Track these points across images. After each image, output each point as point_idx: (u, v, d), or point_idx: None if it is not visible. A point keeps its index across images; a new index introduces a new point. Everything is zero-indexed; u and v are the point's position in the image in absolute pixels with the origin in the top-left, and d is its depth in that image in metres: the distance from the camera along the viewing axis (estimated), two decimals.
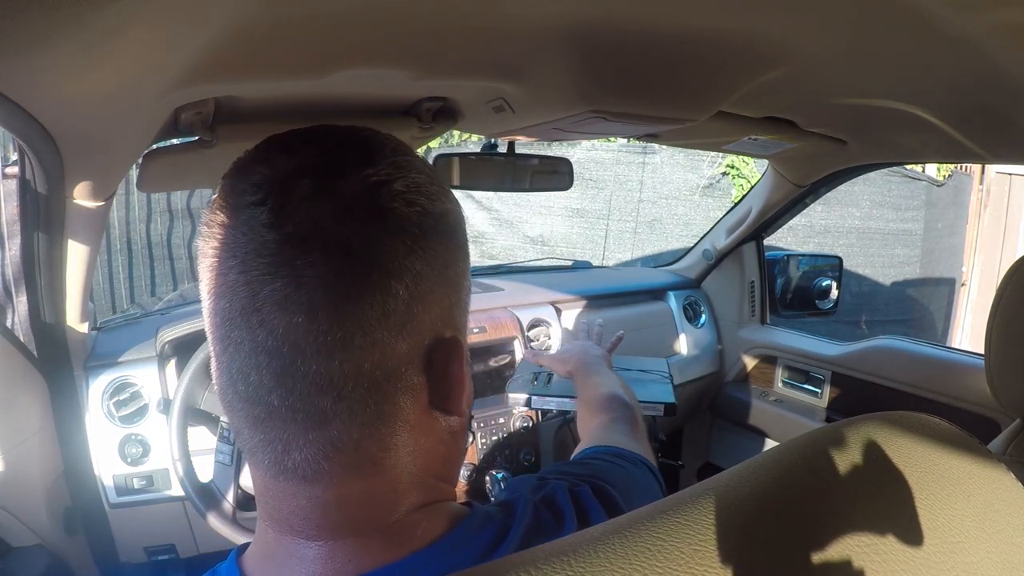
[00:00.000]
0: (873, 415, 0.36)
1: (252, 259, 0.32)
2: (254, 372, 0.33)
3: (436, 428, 0.38)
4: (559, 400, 1.31)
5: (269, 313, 0.32)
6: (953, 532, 0.31)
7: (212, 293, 0.34)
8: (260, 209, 0.33)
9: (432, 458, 0.38)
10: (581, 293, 1.77)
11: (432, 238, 0.35)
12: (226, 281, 0.33)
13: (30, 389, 1.07)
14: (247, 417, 0.34)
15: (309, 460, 0.34)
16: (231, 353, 0.34)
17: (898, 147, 1.25)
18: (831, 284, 1.88)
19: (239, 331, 0.33)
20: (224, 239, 0.33)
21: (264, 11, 0.51)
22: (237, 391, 0.34)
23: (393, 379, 0.34)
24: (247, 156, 0.37)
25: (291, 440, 0.34)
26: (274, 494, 0.36)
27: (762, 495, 0.30)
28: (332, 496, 0.35)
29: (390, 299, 0.33)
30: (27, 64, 0.46)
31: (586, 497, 0.45)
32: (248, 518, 1.12)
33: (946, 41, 0.61)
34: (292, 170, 0.34)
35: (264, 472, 0.36)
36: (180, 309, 1.50)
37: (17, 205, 0.92)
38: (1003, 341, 0.87)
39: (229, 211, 0.34)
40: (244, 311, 0.32)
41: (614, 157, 4.41)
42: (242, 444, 0.36)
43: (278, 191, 0.33)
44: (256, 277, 0.32)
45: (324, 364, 0.32)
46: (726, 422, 1.95)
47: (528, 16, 0.61)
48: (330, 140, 0.36)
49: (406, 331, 0.34)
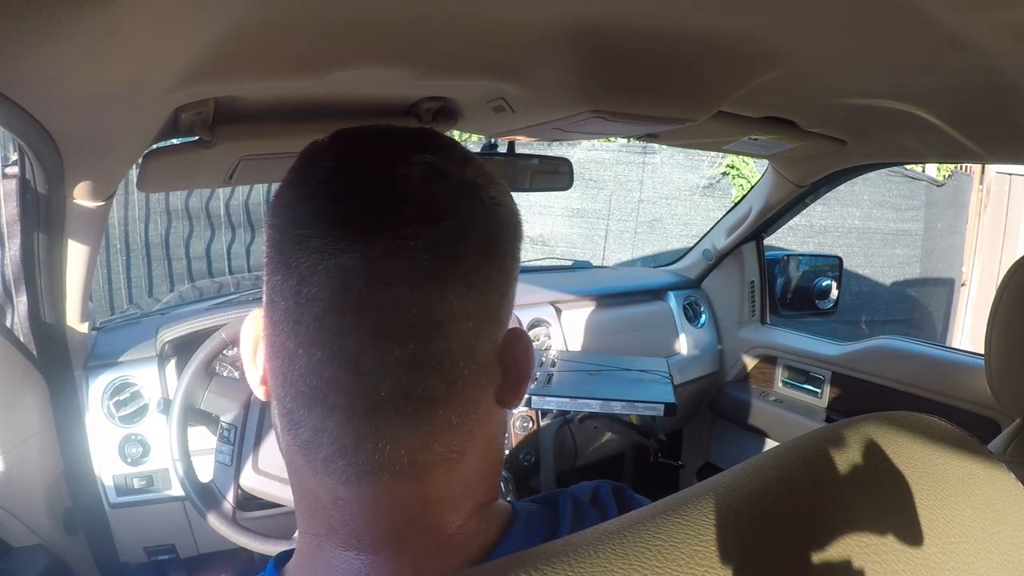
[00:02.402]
0: (873, 415, 0.36)
1: (376, 234, 0.31)
2: (372, 358, 0.31)
3: (497, 420, 0.37)
4: (559, 400, 1.31)
5: (403, 290, 0.31)
6: (953, 532, 0.31)
7: (310, 275, 0.31)
8: (374, 187, 0.32)
9: (492, 451, 0.38)
10: (581, 293, 1.77)
11: (520, 230, 0.37)
12: (339, 262, 0.31)
13: (30, 389, 1.07)
14: (348, 412, 0.32)
15: (412, 451, 0.32)
16: (339, 342, 0.31)
17: (898, 147, 1.25)
18: (831, 284, 1.88)
19: (355, 315, 0.31)
20: (326, 216, 0.32)
21: (264, 11, 0.51)
22: (339, 385, 0.31)
23: (485, 366, 0.34)
24: (336, 136, 0.36)
25: (399, 431, 0.32)
26: (346, 501, 0.33)
27: (762, 495, 0.30)
28: (418, 493, 0.33)
29: (501, 280, 0.34)
30: (27, 64, 0.46)
31: (630, 495, 0.44)
32: (248, 518, 1.12)
33: (946, 41, 0.61)
34: (399, 151, 0.34)
35: (339, 479, 0.33)
36: (180, 309, 1.50)
37: (17, 205, 0.92)
38: (1003, 341, 0.87)
39: (330, 187, 0.33)
40: (369, 289, 0.31)
41: (614, 157, 4.41)
42: (312, 451, 0.33)
43: (391, 168, 0.33)
44: (384, 252, 0.31)
45: (447, 343, 0.32)
46: (726, 422, 1.95)
47: (528, 16, 0.61)
48: (424, 136, 0.37)
49: (500, 316, 0.35)
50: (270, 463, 1.10)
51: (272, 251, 0.33)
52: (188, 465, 1.08)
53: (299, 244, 0.32)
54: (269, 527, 1.11)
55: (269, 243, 0.34)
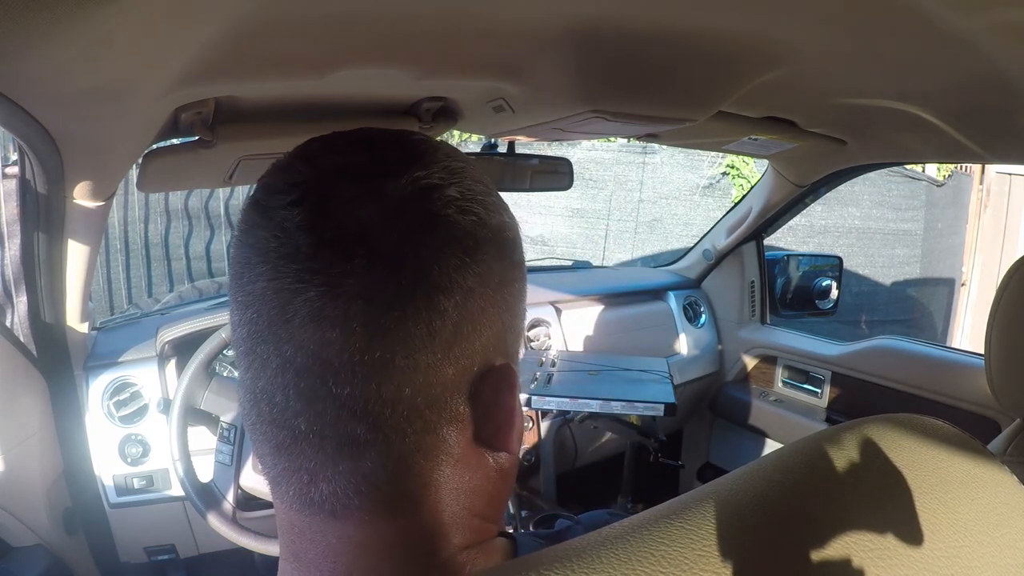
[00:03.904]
0: (875, 417, 0.36)
1: (284, 265, 0.29)
2: (280, 392, 0.30)
3: (483, 464, 0.34)
4: (559, 400, 1.31)
5: (300, 326, 0.29)
6: (957, 535, 0.31)
7: (239, 303, 0.31)
8: (296, 210, 0.30)
9: (477, 497, 0.34)
10: (581, 293, 1.77)
11: (487, 252, 0.31)
12: (254, 289, 0.30)
13: (30, 389, 1.07)
14: (271, 442, 0.31)
15: (338, 494, 0.30)
16: (256, 370, 0.31)
17: (898, 147, 1.25)
18: (831, 284, 1.89)
19: (265, 345, 0.30)
20: (255, 243, 0.30)
21: (264, 11, 0.51)
22: (261, 413, 0.31)
23: (437, 407, 0.31)
24: (287, 155, 0.33)
25: (318, 470, 0.30)
26: (300, 530, 0.32)
27: (766, 498, 0.30)
28: (363, 536, 0.31)
29: (436, 317, 0.29)
30: (27, 64, 0.46)
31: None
32: (248, 518, 1.12)
33: (946, 41, 0.61)
34: (334, 168, 0.31)
35: (288, 505, 0.32)
36: (179, 309, 1.50)
37: (17, 205, 0.92)
38: (1003, 341, 0.87)
39: (261, 212, 0.31)
40: (272, 323, 0.29)
41: (614, 157, 4.41)
42: (265, 472, 0.33)
43: (317, 191, 0.30)
44: (287, 285, 0.29)
45: (359, 386, 0.29)
46: (726, 422, 1.95)
47: (528, 16, 0.61)
48: (377, 140, 0.33)
49: (453, 354, 0.30)
50: None
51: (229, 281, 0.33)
52: (188, 465, 1.08)
53: (233, 266, 0.32)
54: (269, 527, 1.11)
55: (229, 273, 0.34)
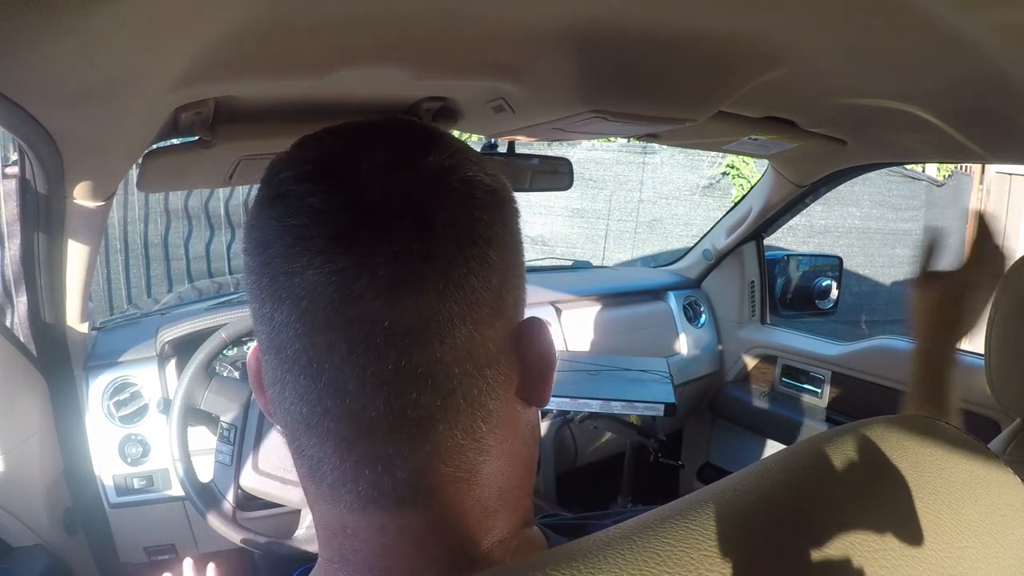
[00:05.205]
0: (878, 418, 0.36)
1: (334, 246, 0.28)
2: (354, 379, 0.29)
3: (520, 424, 0.34)
4: (559, 400, 1.31)
5: (372, 299, 0.28)
6: (960, 536, 0.31)
7: (282, 299, 0.29)
8: (331, 192, 0.29)
9: (517, 463, 0.33)
10: (581, 293, 1.77)
11: (511, 212, 0.34)
12: (302, 281, 0.28)
13: (30, 389, 1.07)
14: (336, 439, 0.30)
15: (414, 475, 0.30)
16: (318, 365, 0.29)
17: (898, 147, 1.25)
18: (831, 284, 1.89)
19: (329, 334, 0.29)
20: (287, 234, 0.29)
21: (264, 11, 0.51)
22: (327, 410, 0.30)
23: (493, 365, 0.31)
24: (293, 146, 0.33)
25: (396, 455, 0.30)
26: (354, 531, 0.31)
27: (769, 500, 0.30)
28: (424, 525, 0.31)
29: (488, 269, 0.30)
30: (27, 64, 0.46)
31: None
32: (248, 518, 1.12)
33: (946, 41, 0.61)
34: (358, 148, 0.31)
35: (347, 506, 0.31)
36: (179, 309, 1.50)
37: (17, 205, 0.92)
38: (1003, 341, 0.87)
39: (286, 202, 0.30)
40: (336, 308, 0.28)
41: (614, 157, 4.41)
42: (322, 476, 0.31)
43: (348, 171, 0.30)
44: (344, 265, 0.28)
45: (433, 352, 0.29)
46: (726, 422, 1.95)
47: (528, 17, 0.61)
48: (390, 125, 0.33)
49: (501, 308, 0.31)
50: (270, 463, 1.10)
51: (247, 278, 0.32)
52: (188, 465, 1.08)
53: (265, 268, 0.30)
54: (269, 527, 1.11)
55: (244, 270, 0.32)
